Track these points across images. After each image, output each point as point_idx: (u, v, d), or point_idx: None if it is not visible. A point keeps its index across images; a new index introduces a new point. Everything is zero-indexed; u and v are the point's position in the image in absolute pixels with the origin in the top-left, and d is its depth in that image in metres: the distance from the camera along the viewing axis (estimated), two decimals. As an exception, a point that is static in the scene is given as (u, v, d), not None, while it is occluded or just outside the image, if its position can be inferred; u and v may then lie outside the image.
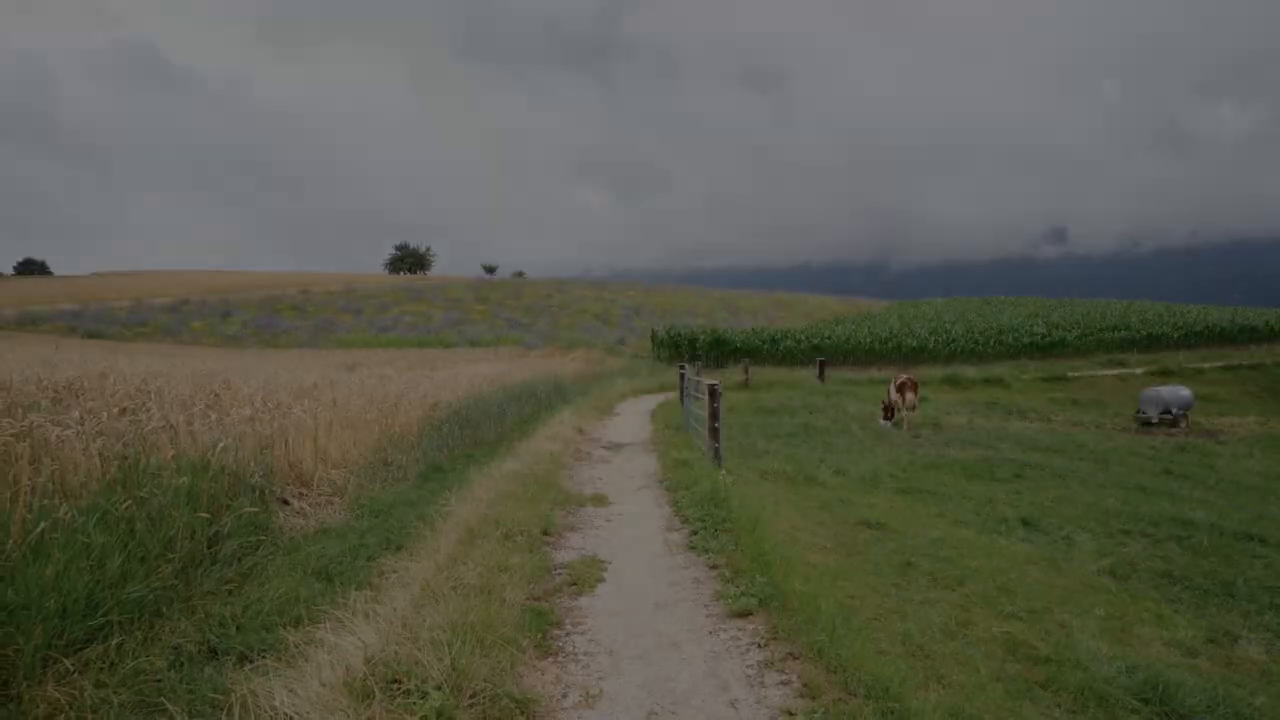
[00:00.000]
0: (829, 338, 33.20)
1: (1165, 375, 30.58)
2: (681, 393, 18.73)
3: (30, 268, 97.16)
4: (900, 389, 18.38)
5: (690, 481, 8.02)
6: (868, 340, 33.28)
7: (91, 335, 42.55)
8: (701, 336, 32.64)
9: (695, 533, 6.17)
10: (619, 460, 10.68)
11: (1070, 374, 30.74)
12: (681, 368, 18.58)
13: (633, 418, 16.67)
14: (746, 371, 25.98)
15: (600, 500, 7.73)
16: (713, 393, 9.28)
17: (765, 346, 32.78)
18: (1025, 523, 9.18)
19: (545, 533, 6.10)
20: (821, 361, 27.84)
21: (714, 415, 9.34)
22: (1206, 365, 31.72)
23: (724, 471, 6.80)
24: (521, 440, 11.41)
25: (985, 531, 8.72)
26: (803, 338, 33.31)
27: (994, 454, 15.08)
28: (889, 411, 19.04)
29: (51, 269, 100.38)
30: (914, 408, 18.57)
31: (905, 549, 7.09)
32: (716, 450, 9.43)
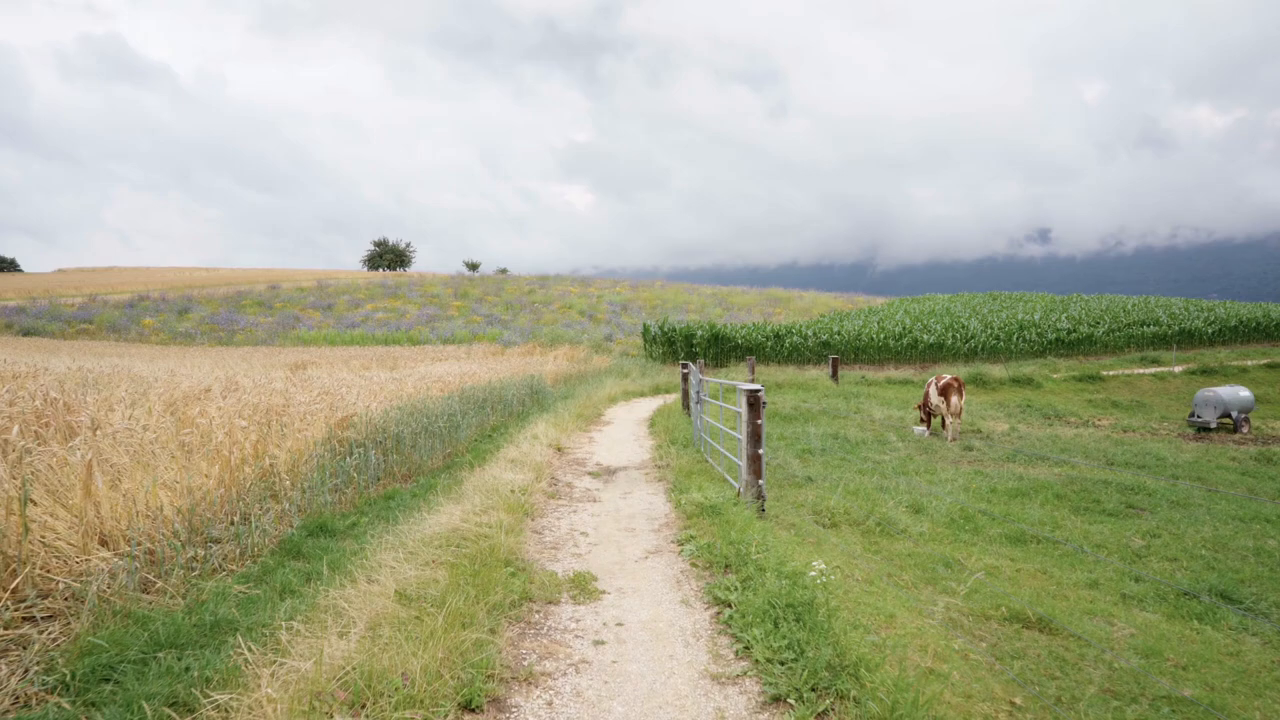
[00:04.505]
0: (838, 334, 30.11)
1: (1206, 374, 27.92)
2: (686, 397, 15.62)
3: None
4: (944, 391, 15.37)
5: (731, 552, 4.90)
6: (880, 337, 30.20)
7: (28, 332, 38.85)
8: (699, 333, 29.40)
9: (777, 697, 3.05)
10: (612, 496, 7.54)
11: (1104, 373, 27.95)
12: (684, 366, 15.46)
13: (626, 428, 13.52)
14: (752, 371, 22.90)
15: (584, 588, 4.59)
16: (754, 404, 6.16)
17: (769, 343, 29.62)
18: (1223, 596, 6.13)
19: (469, 707, 2.96)
20: (835, 360, 24.83)
21: (755, 437, 6.21)
22: (1249, 363, 29.04)
23: (819, 563, 3.66)
24: (477, 466, 8.23)
25: (1178, 615, 5.72)
26: (809, 334, 30.17)
27: (1073, 472, 12.22)
28: (928, 417, 16.12)
29: (22, 266, 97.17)
30: (959, 413, 15.57)
31: (1118, 681, 4.05)
32: (759, 490, 6.31)
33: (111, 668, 2.87)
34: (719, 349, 29.19)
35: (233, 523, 4.79)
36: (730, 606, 4.05)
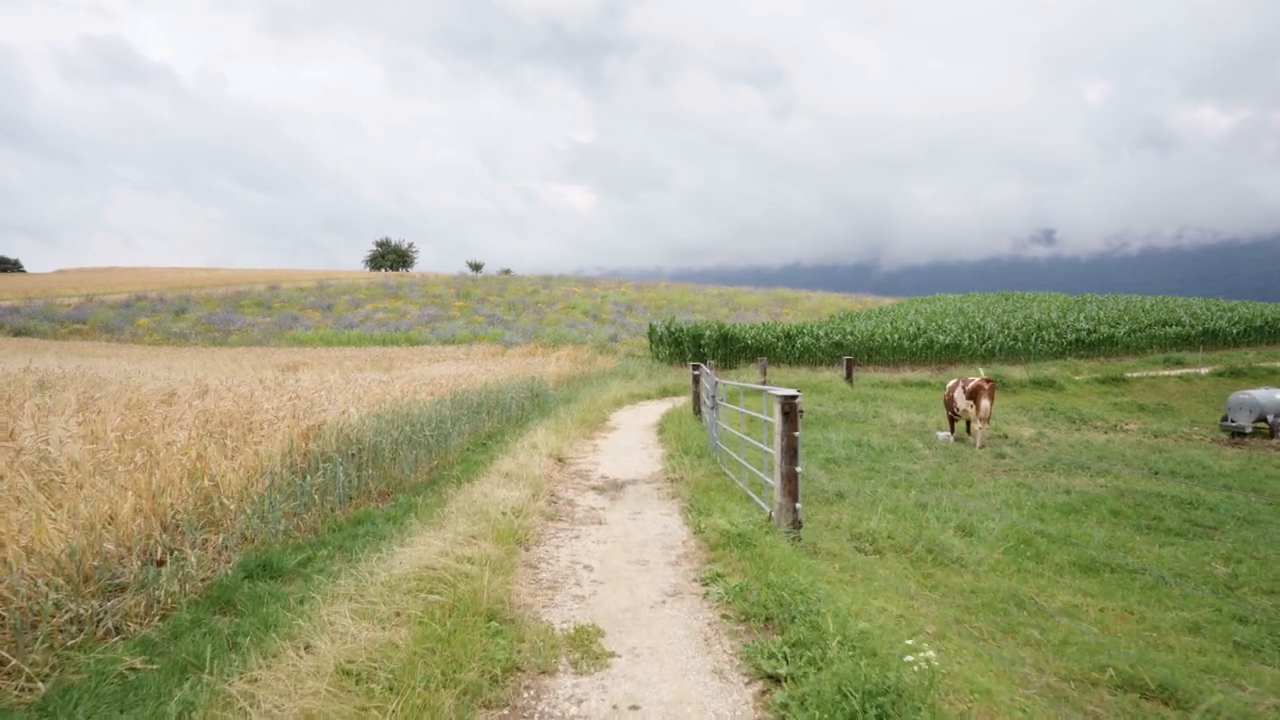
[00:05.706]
0: (850, 334, 29.08)
1: (1234, 376, 26.84)
2: (697, 400, 14.63)
3: (2, 265, 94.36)
4: (973, 394, 14.35)
5: (771, 599, 3.92)
6: (894, 337, 29.16)
7: (19, 332, 38.05)
8: (707, 333, 28.39)
9: None
10: (619, 517, 6.56)
11: (1127, 375, 26.88)
12: (695, 368, 14.47)
13: (634, 434, 12.54)
14: (764, 372, 21.92)
15: (588, 648, 3.62)
16: (789, 413, 5.17)
17: (779, 344, 28.60)
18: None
19: None
20: (849, 361, 23.83)
21: (790, 452, 5.22)
22: (1279, 364, 27.94)
23: (927, 651, 2.67)
24: (466, 481, 7.26)
25: (1309, 672, 4.74)
26: (821, 334, 29.14)
27: (1119, 483, 11.26)
28: (951, 421, 15.16)
29: (25, 267, 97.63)
30: (988, 418, 14.56)
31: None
32: (795, 515, 5.32)
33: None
34: (728, 349, 28.18)
35: (148, 563, 3.83)
36: (780, 685, 3.07)
